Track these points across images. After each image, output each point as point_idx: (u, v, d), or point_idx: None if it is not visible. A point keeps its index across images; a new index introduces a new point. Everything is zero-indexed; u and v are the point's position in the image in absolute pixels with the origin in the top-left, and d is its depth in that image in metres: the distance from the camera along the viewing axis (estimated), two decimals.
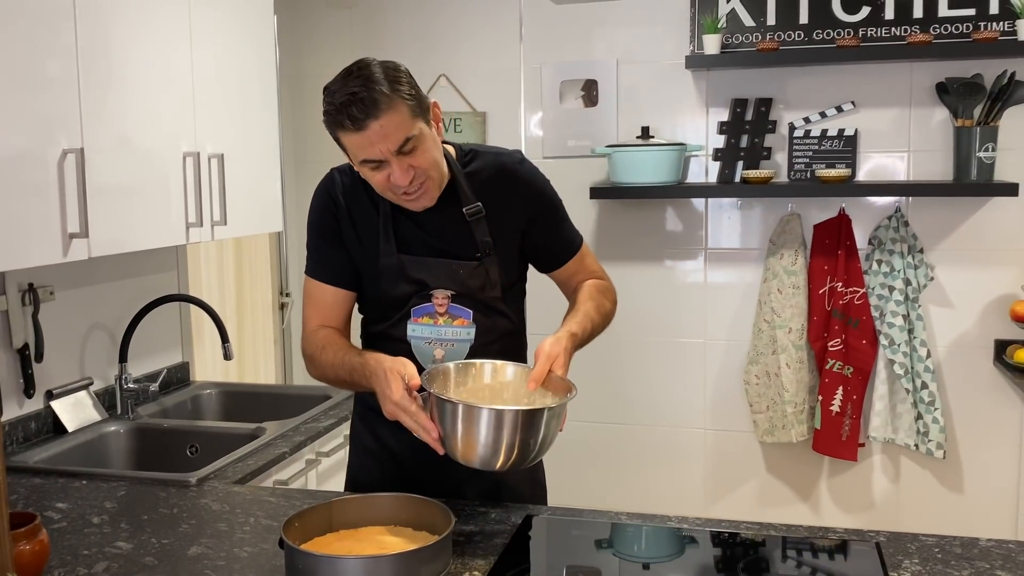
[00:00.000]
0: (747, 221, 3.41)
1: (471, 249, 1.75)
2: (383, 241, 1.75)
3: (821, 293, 3.28)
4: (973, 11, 3.08)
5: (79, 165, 2.02)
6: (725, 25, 3.26)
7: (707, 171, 3.41)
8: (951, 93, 3.10)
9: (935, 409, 3.19)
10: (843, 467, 3.40)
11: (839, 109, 3.27)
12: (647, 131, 3.32)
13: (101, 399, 2.56)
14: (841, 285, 3.25)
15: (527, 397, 1.59)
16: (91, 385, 2.55)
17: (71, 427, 2.42)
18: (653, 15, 3.39)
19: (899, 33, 3.14)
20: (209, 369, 3.22)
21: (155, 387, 2.67)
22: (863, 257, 3.28)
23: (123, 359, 2.60)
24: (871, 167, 3.28)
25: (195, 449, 2.50)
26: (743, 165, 3.32)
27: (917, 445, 3.24)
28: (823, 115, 3.28)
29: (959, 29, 3.10)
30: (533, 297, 1.92)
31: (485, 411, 1.46)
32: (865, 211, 3.28)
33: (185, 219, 2.43)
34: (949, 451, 3.27)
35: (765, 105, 3.30)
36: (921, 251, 3.23)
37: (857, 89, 3.25)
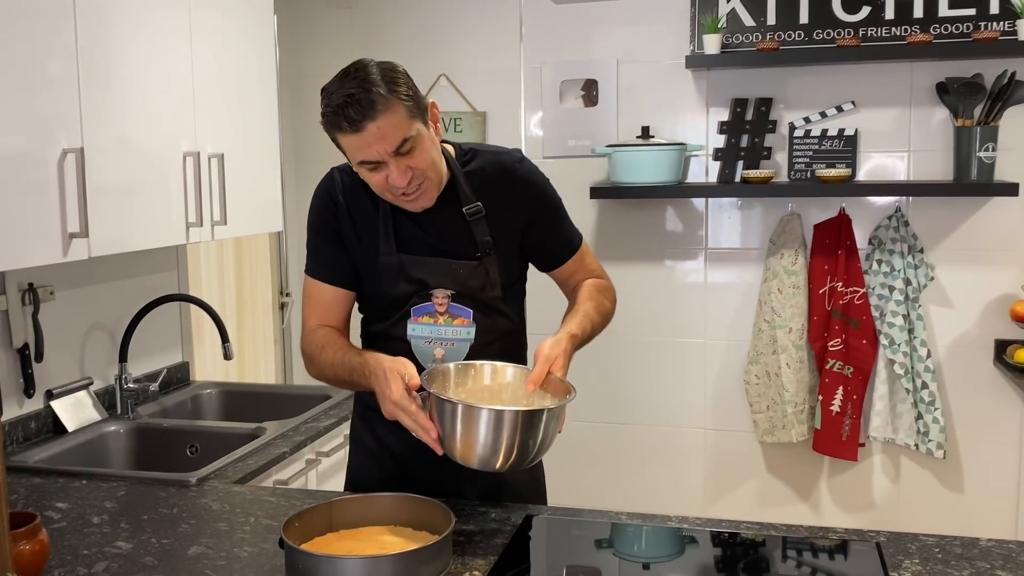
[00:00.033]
0: (747, 221, 3.41)
1: (471, 249, 1.75)
2: (383, 240, 1.75)
3: (821, 293, 3.28)
4: (973, 11, 3.08)
5: (79, 165, 2.02)
6: (725, 25, 3.26)
7: (707, 171, 3.41)
8: (951, 93, 3.10)
9: (935, 409, 3.19)
10: (843, 467, 3.40)
11: (839, 109, 3.27)
12: (647, 131, 3.32)
13: (101, 399, 2.56)
14: (841, 285, 3.25)
15: (526, 399, 1.59)
16: (91, 385, 2.55)
17: (71, 427, 2.42)
18: (653, 15, 3.39)
19: (899, 33, 3.14)
20: (209, 369, 3.22)
21: (155, 387, 2.67)
22: (863, 257, 3.28)
23: (123, 359, 2.60)
24: (871, 167, 3.28)
25: (195, 449, 2.50)
26: (743, 165, 3.32)
27: (917, 445, 3.24)
28: (823, 115, 3.28)
29: (959, 29, 3.10)
30: (533, 297, 1.92)
31: (484, 411, 1.46)
32: (865, 211, 3.28)
33: (185, 219, 2.43)
34: (949, 451, 3.27)
35: (765, 105, 3.30)
36: (921, 251, 3.23)
37: (857, 89, 3.25)
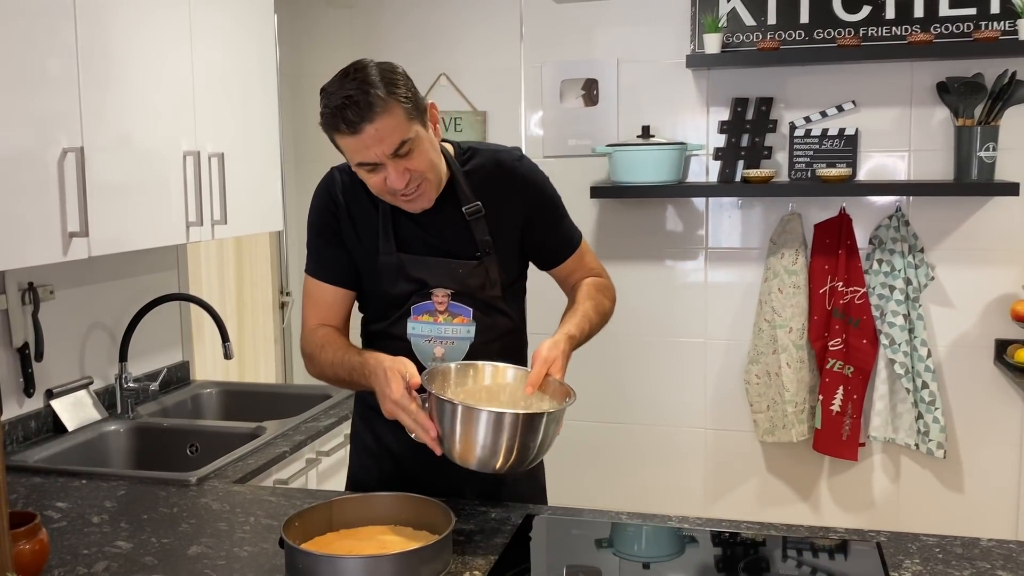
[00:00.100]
0: (747, 220, 3.41)
1: (471, 248, 1.75)
2: (383, 240, 1.75)
3: (822, 293, 3.27)
4: (974, 10, 3.08)
5: (79, 164, 2.02)
6: (726, 24, 3.26)
7: (708, 170, 3.41)
8: (952, 92, 3.09)
9: (935, 409, 3.19)
10: (843, 467, 3.40)
11: (840, 108, 3.26)
12: (647, 130, 3.32)
13: (101, 398, 2.56)
14: (842, 285, 3.24)
15: (524, 400, 1.59)
16: (91, 384, 2.55)
17: (71, 426, 2.42)
18: (654, 14, 3.38)
19: (900, 32, 3.14)
20: (209, 368, 3.21)
21: (155, 386, 2.67)
22: (864, 256, 3.27)
23: (123, 358, 2.60)
24: (872, 166, 3.28)
25: (195, 448, 2.50)
26: (744, 164, 3.32)
27: (917, 445, 3.24)
28: (824, 114, 3.28)
29: (960, 28, 3.09)
30: (533, 296, 1.92)
31: (484, 413, 1.46)
32: (866, 210, 3.28)
33: (185, 218, 2.43)
34: (949, 451, 3.27)
35: (766, 104, 3.30)
36: (922, 251, 3.23)
37: (858, 88, 3.25)
